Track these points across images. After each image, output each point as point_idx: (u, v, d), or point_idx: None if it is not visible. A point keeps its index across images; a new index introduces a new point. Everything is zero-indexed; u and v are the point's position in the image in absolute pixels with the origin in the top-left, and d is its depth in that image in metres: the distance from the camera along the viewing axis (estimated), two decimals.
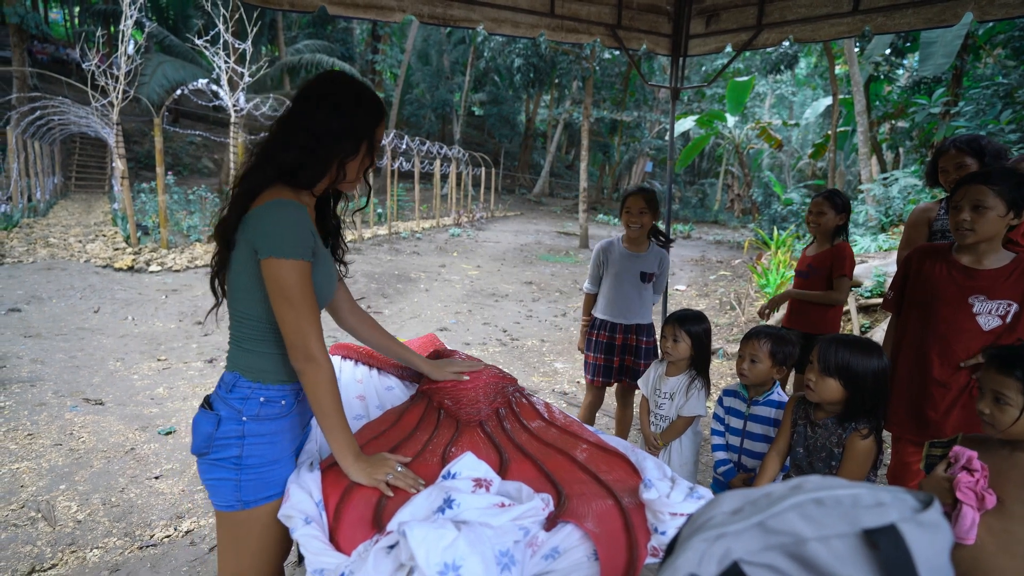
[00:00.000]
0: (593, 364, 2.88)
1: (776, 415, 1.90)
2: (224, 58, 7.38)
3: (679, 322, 2.15)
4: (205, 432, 1.29)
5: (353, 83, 1.34)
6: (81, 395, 3.65)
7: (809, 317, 2.92)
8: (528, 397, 1.71)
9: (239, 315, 1.31)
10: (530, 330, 6.06)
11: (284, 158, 1.27)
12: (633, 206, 2.70)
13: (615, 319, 2.81)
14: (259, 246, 1.21)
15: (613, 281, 2.81)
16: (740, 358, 1.95)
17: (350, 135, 1.31)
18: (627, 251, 2.80)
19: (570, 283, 8.94)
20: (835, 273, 2.81)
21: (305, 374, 1.23)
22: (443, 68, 28.78)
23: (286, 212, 1.22)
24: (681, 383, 2.19)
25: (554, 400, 4.08)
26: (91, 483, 2.67)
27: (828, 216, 2.84)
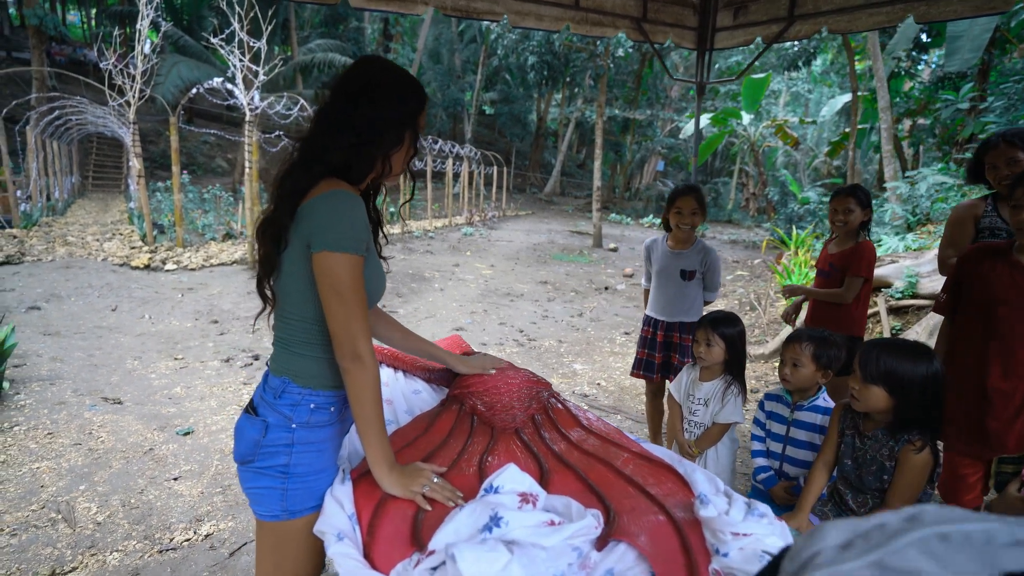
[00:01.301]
0: (638, 358, 2.90)
1: (822, 421, 1.81)
2: (239, 57, 7.37)
3: (712, 325, 2.07)
4: (251, 439, 1.24)
5: (392, 70, 1.28)
6: (100, 394, 3.63)
7: (832, 317, 2.83)
8: (564, 402, 1.64)
9: (290, 317, 1.25)
10: (547, 330, 5.99)
11: (332, 157, 1.22)
12: (685, 206, 2.64)
13: (658, 316, 2.80)
14: (313, 239, 1.16)
15: (657, 279, 2.80)
16: (782, 362, 1.86)
17: (395, 126, 1.25)
18: (669, 249, 2.76)
19: (585, 283, 8.85)
20: (850, 271, 2.72)
21: (350, 374, 1.18)
22: (454, 67, 28.74)
23: (343, 203, 1.17)
24: (716, 388, 2.11)
25: (575, 402, 4.00)
26: (110, 484, 2.64)
27: (855, 213, 2.74)
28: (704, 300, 2.80)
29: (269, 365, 1.32)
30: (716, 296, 2.84)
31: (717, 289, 2.82)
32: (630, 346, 5.56)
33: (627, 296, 8.10)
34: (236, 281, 7.04)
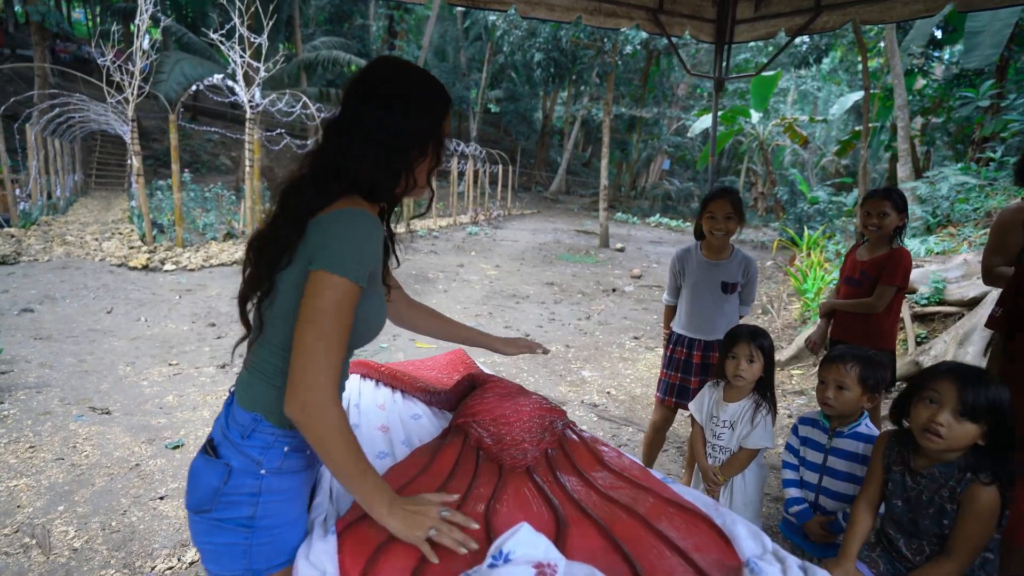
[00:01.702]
0: (665, 382, 2.60)
1: (864, 450, 1.63)
2: (240, 53, 7.21)
3: (752, 338, 1.88)
4: (209, 486, 1.05)
5: (412, 72, 1.12)
6: (88, 403, 3.47)
7: (860, 329, 2.63)
8: (580, 433, 1.46)
9: (276, 345, 1.08)
10: (554, 334, 5.81)
11: (354, 174, 1.06)
12: (718, 210, 2.38)
13: (694, 335, 2.52)
14: (316, 255, 1.00)
15: (691, 293, 2.52)
16: (822, 384, 1.67)
17: (420, 136, 1.10)
18: (706, 259, 2.50)
19: (592, 284, 8.67)
20: (883, 280, 2.53)
21: (299, 426, 0.98)
22: (460, 64, 28.56)
23: (360, 226, 1.02)
24: (744, 410, 1.93)
25: (584, 413, 3.83)
26: (91, 504, 2.48)
27: (890, 217, 2.54)
28: (741, 312, 2.57)
29: (235, 395, 1.13)
30: (749, 311, 2.63)
31: (752, 302, 2.61)
32: (640, 351, 5.38)
33: (635, 298, 7.91)
34: (235, 282, 6.86)
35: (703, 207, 2.45)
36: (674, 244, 15.82)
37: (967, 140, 11.71)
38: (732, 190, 2.42)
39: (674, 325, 2.63)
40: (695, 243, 2.58)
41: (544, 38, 12.28)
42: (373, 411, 1.69)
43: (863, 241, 2.76)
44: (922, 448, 1.35)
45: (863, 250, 2.70)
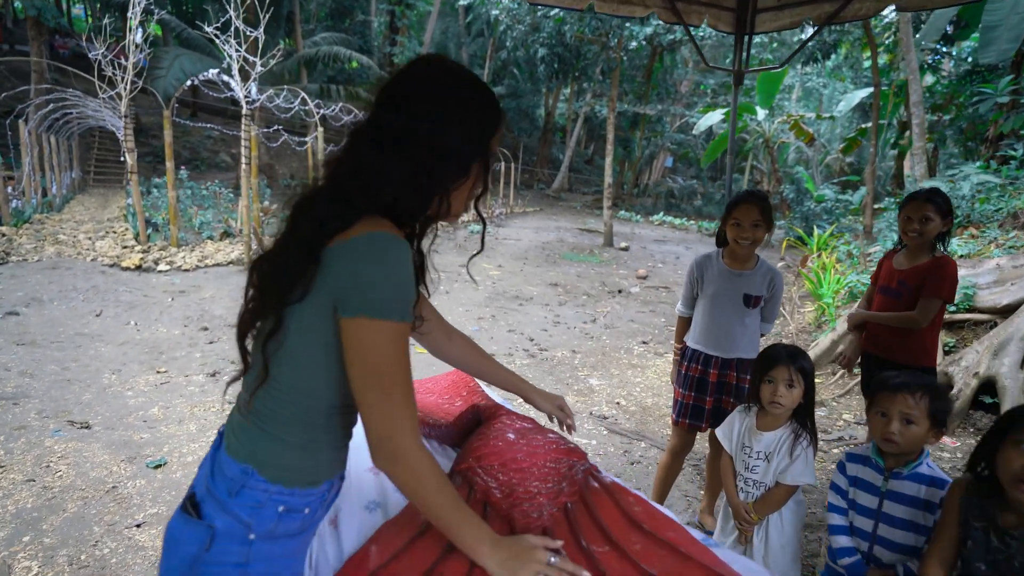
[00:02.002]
0: (680, 402, 2.37)
1: (928, 494, 1.42)
2: (235, 46, 7.00)
3: (792, 360, 1.67)
4: (187, 554, 0.89)
5: (459, 75, 0.94)
6: (67, 416, 3.27)
7: (899, 345, 2.42)
8: (602, 480, 1.26)
9: (283, 393, 0.92)
10: (559, 339, 5.60)
11: (378, 191, 0.90)
12: (745, 217, 2.13)
13: (710, 351, 2.28)
14: (346, 298, 0.86)
15: (709, 304, 2.28)
16: (883, 417, 1.46)
17: (462, 154, 0.92)
18: (728, 268, 2.26)
19: (597, 285, 8.45)
20: (927, 291, 2.31)
21: (396, 478, 0.91)
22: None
23: (390, 254, 0.86)
24: (781, 440, 1.72)
25: (593, 426, 3.62)
26: (60, 534, 2.28)
27: (933, 223, 2.33)
28: (762, 330, 2.33)
29: (224, 442, 0.96)
30: (771, 329, 2.41)
31: (775, 320, 2.38)
32: (649, 358, 5.17)
33: (642, 300, 7.70)
34: (230, 283, 6.68)
35: (728, 212, 2.21)
36: (678, 243, 15.59)
37: (979, 138, 11.47)
38: (760, 194, 2.18)
39: (688, 339, 2.40)
40: (716, 250, 2.36)
41: (548, 33, 12.05)
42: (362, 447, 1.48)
43: (900, 247, 2.54)
44: (1013, 503, 1.14)
45: (901, 257, 2.48)
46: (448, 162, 0.92)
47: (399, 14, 25.20)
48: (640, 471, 3.09)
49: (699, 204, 29.55)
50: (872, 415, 1.48)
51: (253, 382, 0.94)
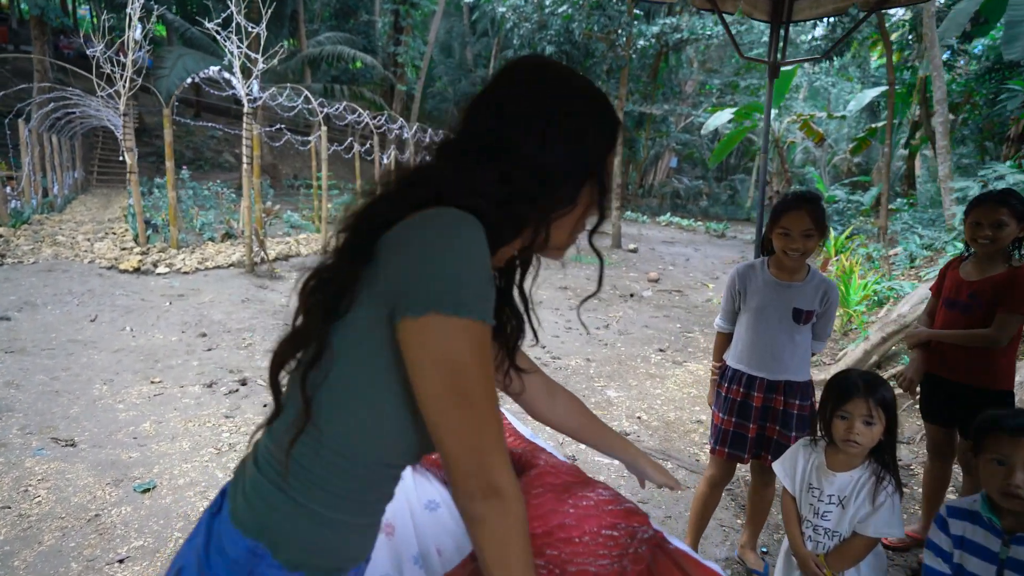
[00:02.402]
0: (720, 429, 2.11)
1: None
2: (236, 43, 6.79)
3: (869, 391, 1.43)
4: None
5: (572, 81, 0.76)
6: (52, 432, 3.05)
7: (972, 366, 2.17)
8: (667, 545, 1.02)
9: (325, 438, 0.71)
10: (571, 346, 5.36)
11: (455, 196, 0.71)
12: (795, 226, 1.86)
13: (754, 371, 2.03)
14: (409, 292, 0.65)
15: (753, 319, 2.03)
16: (1000, 466, 1.21)
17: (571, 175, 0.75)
18: (775, 279, 2.01)
19: (608, 288, 8.21)
20: (1005, 306, 2.06)
21: (485, 521, 0.67)
22: (466, 61, 28.14)
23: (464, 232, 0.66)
24: (859, 483, 1.48)
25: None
26: (34, 571, 2.05)
27: (1008, 228, 2.08)
28: (813, 349, 2.08)
29: (229, 505, 0.74)
30: (824, 347, 2.15)
31: (827, 338, 2.11)
32: (667, 367, 4.92)
33: (655, 304, 7.46)
34: (231, 286, 6.47)
35: (775, 219, 1.93)
36: (687, 244, 15.33)
37: (998, 137, 11.18)
38: (812, 197, 1.91)
39: (729, 357, 2.15)
40: (761, 259, 2.11)
41: (556, 31, 11.82)
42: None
43: (966, 255, 2.30)
44: None
45: (970, 267, 2.23)
46: (550, 184, 0.73)
47: (403, 14, 25.02)
48: (668, 496, 2.85)
49: (705, 205, 29.30)
50: (984, 462, 1.23)
51: (286, 428, 0.72)
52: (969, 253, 2.27)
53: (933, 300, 2.39)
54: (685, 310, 7.25)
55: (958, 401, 2.22)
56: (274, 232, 10.51)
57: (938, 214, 9.69)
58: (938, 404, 2.32)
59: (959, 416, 2.25)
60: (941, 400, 2.30)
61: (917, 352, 2.32)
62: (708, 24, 17.49)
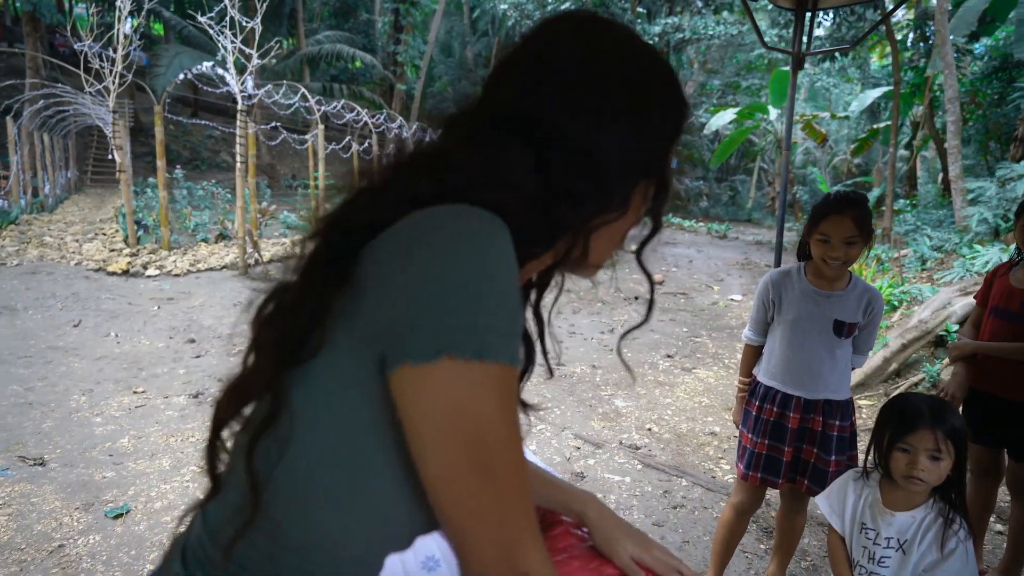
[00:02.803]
0: (751, 451, 1.89)
1: None
2: (230, 38, 6.58)
3: (937, 420, 1.23)
4: None
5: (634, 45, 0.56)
6: (19, 449, 2.84)
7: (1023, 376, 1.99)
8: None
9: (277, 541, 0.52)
10: (576, 352, 5.16)
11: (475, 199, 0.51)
12: (836, 233, 1.66)
13: (790, 389, 1.83)
14: (409, 330, 0.45)
15: (789, 332, 1.83)
16: None
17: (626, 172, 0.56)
18: (813, 287, 1.81)
19: (611, 291, 8.00)
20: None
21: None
22: (466, 60, 27.97)
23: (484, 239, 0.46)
24: (923, 525, 1.28)
25: (625, 459, 3.17)
26: None
27: None
28: (853, 364, 1.88)
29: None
30: (864, 362, 1.95)
31: (869, 352, 1.91)
32: (676, 374, 4.72)
33: (660, 307, 7.25)
34: (223, 289, 6.26)
35: (814, 224, 1.73)
36: (689, 245, 15.14)
37: (1004, 138, 11.01)
38: (856, 199, 1.71)
39: (760, 373, 1.94)
40: (796, 265, 1.91)
41: None
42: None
43: (1017, 261, 2.10)
44: None
45: (1021, 273, 2.04)
46: (603, 180, 0.54)
47: (403, 12, 24.85)
48: (685, 518, 2.65)
49: (706, 205, 29.12)
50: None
51: (227, 518, 0.52)
52: (1020, 259, 2.08)
53: (979, 310, 2.20)
54: (691, 313, 7.05)
55: (1005, 419, 2.04)
56: (270, 233, 10.29)
57: (944, 215, 9.51)
58: (983, 422, 2.12)
59: (1007, 435, 2.07)
60: (987, 418, 2.10)
61: (961, 365, 2.12)
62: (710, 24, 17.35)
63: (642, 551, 0.74)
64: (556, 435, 3.42)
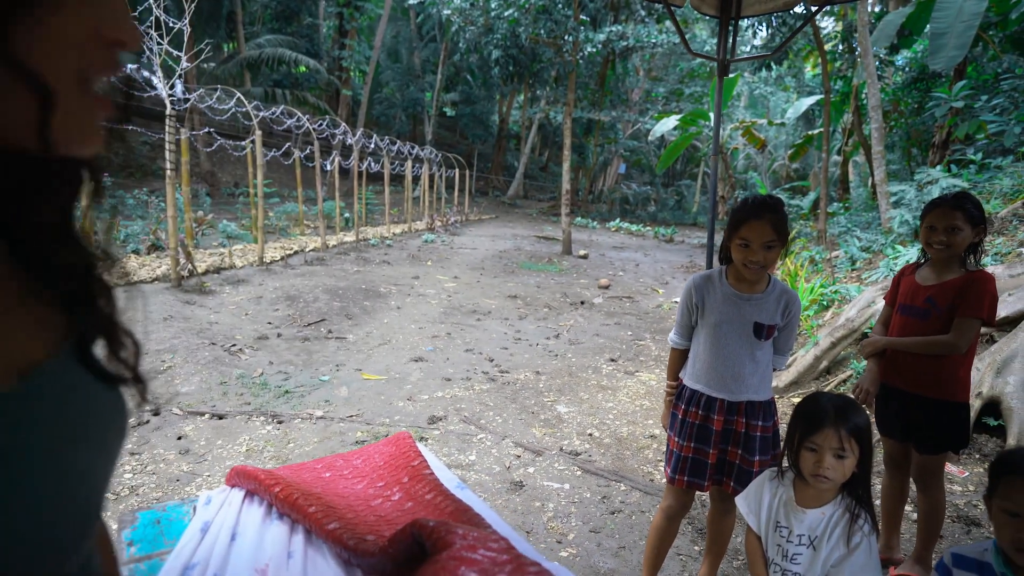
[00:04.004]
0: (677, 455, 1.90)
1: None
2: (156, 39, 6.28)
3: (841, 419, 1.25)
4: None
5: None
6: None
7: (927, 376, 2.08)
8: None
9: None
10: (520, 358, 5.14)
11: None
12: (755, 237, 1.68)
13: (713, 392, 1.85)
14: None
15: (712, 335, 1.84)
16: (1014, 519, 1.05)
17: None
18: (734, 291, 1.82)
19: (558, 296, 8.05)
20: (964, 310, 1.97)
21: None
22: (414, 66, 27.77)
23: None
24: (831, 522, 1.30)
25: (565, 465, 3.16)
26: None
27: (963, 233, 2.00)
28: (775, 366, 1.91)
29: None
30: (786, 363, 2.00)
31: (789, 352, 1.95)
32: (619, 377, 4.77)
33: (605, 311, 7.34)
34: (152, 303, 5.94)
35: (733, 229, 1.74)
36: (637, 249, 15.45)
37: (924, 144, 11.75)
38: (772, 204, 1.72)
39: (686, 376, 1.96)
40: (718, 268, 1.93)
41: (502, 35, 11.67)
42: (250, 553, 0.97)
43: (921, 261, 2.20)
44: None
45: (926, 272, 2.14)
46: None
47: (348, 17, 24.44)
48: (622, 523, 2.65)
49: (653, 210, 29.85)
50: (997, 510, 1.07)
51: None
52: (925, 259, 2.18)
53: (887, 309, 2.30)
54: (636, 317, 7.16)
55: (912, 413, 2.13)
56: (208, 243, 9.87)
57: (873, 217, 10.05)
58: (892, 416, 2.21)
59: (913, 429, 2.15)
60: (896, 412, 2.19)
61: (872, 362, 2.20)
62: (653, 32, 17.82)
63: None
64: (496, 444, 3.38)
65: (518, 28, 10.86)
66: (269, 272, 7.83)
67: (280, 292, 6.74)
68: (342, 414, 3.68)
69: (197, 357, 4.59)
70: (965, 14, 8.40)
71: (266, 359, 4.68)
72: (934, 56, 8.35)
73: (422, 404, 3.94)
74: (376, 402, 3.94)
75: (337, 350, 5.02)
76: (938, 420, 2.08)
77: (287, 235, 11.73)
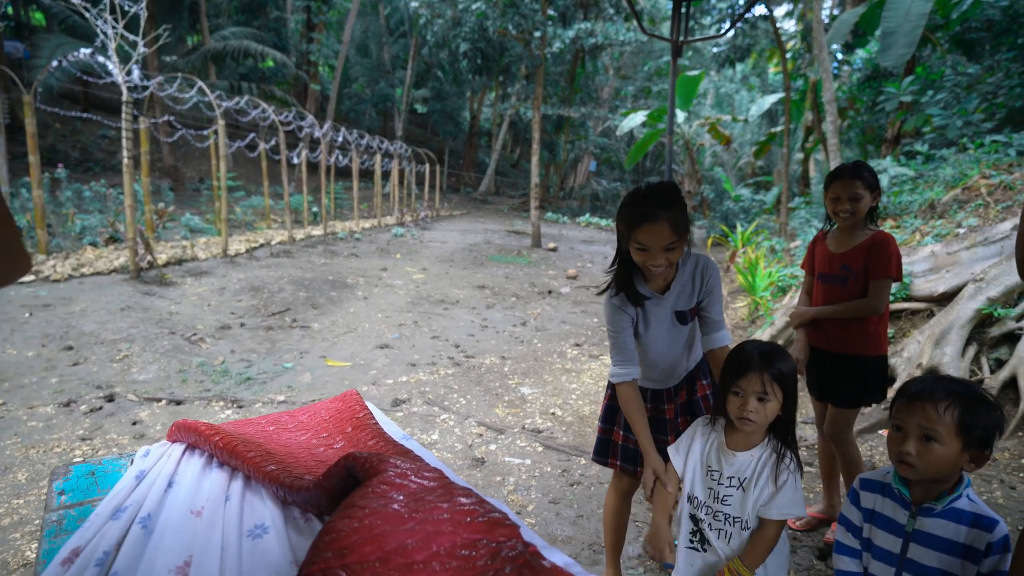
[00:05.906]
0: (623, 447, 1.88)
1: (969, 538, 1.10)
2: (111, 23, 6.11)
3: (766, 364, 1.32)
4: None
5: None
6: None
7: (848, 336, 2.20)
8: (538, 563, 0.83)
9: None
10: (487, 344, 5.18)
11: None
12: (653, 241, 1.50)
13: (659, 386, 1.85)
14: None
15: (649, 341, 1.77)
16: (899, 433, 1.13)
17: None
18: (651, 291, 1.71)
19: (526, 286, 8.11)
20: (875, 273, 2.11)
21: None
22: (383, 62, 27.50)
23: None
24: (759, 463, 1.37)
25: (527, 442, 3.21)
26: None
27: (864, 199, 2.12)
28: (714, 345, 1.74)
29: None
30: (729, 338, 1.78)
31: (724, 319, 1.82)
32: (584, 360, 4.84)
33: (572, 300, 7.42)
34: (110, 294, 5.79)
35: (628, 230, 1.56)
36: (606, 243, 15.61)
37: (878, 140, 12.17)
38: (668, 199, 1.51)
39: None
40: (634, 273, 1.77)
41: (470, 27, 11.66)
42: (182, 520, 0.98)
43: (829, 229, 2.32)
44: None
45: (833, 240, 2.26)
46: None
47: (316, 10, 24.04)
48: (581, 494, 2.71)
49: None
50: (890, 430, 1.15)
51: None
52: (832, 226, 2.30)
53: (808, 278, 2.42)
54: (601, 305, 7.26)
55: (835, 371, 2.23)
56: (170, 236, 9.65)
57: None
58: (823, 379, 2.31)
59: (835, 385, 2.25)
60: (824, 374, 2.29)
61: (801, 331, 2.32)
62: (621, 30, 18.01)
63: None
64: (459, 423, 3.41)
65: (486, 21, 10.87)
66: (233, 264, 7.70)
67: (244, 283, 6.63)
68: (305, 399, 3.66)
69: (156, 346, 4.50)
70: (913, 14, 8.77)
71: (228, 348, 4.61)
72: (885, 53, 8.68)
73: (386, 388, 3.95)
74: (340, 387, 3.92)
75: (302, 338, 4.98)
76: (858, 373, 2.19)
77: (253, 229, 11.52)
